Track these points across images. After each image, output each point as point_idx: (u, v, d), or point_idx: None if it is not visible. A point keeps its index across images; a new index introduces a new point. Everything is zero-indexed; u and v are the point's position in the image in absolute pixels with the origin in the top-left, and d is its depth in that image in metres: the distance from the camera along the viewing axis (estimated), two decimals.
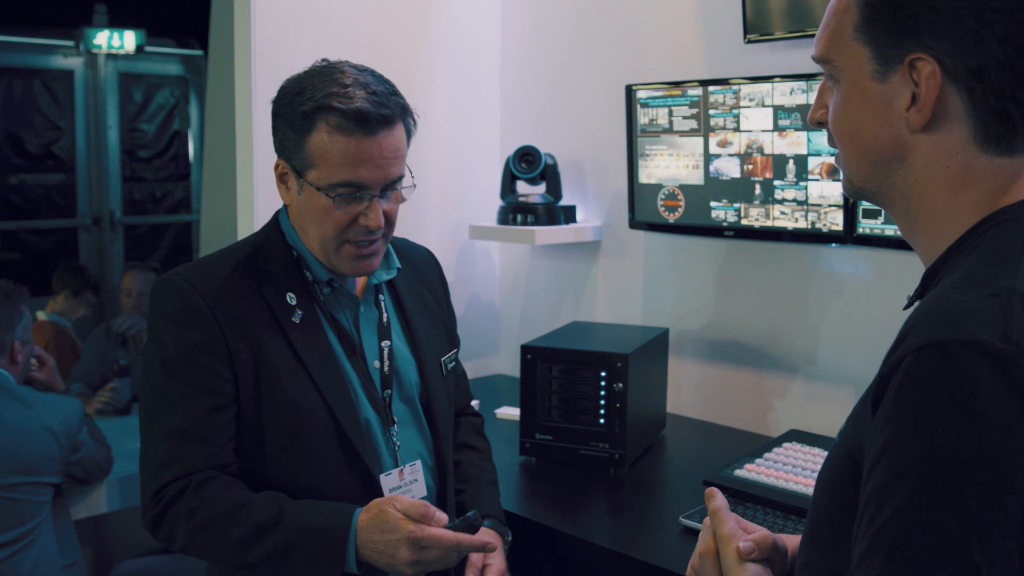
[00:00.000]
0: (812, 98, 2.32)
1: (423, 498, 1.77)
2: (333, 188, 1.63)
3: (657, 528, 2.07)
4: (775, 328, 2.65)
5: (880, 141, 1.05)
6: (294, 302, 1.70)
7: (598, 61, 2.98)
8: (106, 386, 3.76)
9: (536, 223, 2.90)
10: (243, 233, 2.70)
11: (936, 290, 0.97)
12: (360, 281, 1.81)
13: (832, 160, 2.39)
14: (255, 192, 2.65)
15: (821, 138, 2.39)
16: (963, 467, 0.83)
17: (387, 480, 1.73)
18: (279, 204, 1.81)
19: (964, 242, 1.01)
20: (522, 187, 3.02)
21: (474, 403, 2.22)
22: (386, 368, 1.79)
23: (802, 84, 2.42)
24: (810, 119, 1.17)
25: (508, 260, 3.32)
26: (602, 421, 2.38)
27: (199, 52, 7.70)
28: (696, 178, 2.67)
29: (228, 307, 1.66)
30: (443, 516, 1.59)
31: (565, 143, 3.03)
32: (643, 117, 2.75)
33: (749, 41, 2.54)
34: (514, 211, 2.94)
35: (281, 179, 1.71)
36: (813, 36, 2.37)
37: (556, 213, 2.94)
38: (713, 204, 2.65)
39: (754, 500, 2.09)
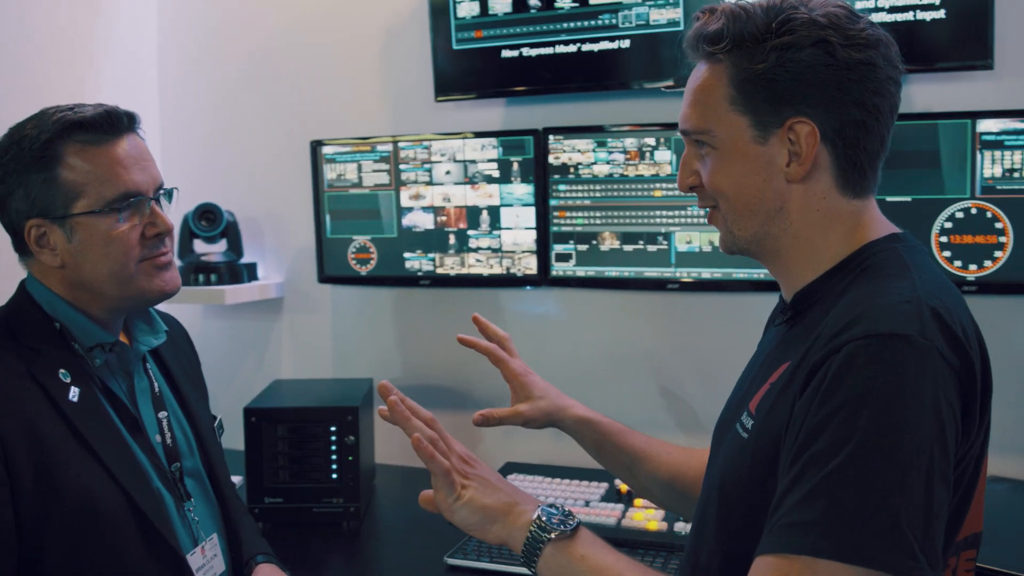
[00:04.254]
0: (503, 153, 2.53)
1: (223, 573, 1.68)
2: (112, 204, 1.51)
3: (423, 570, 2.10)
4: (474, 369, 2.78)
5: (764, 194, 1.23)
6: (68, 379, 1.51)
7: (275, 117, 2.95)
8: None
9: (220, 282, 2.79)
10: None
11: (847, 301, 1.14)
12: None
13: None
14: None
15: (514, 190, 2.59)
16: (893, 433, 1.02)
17: (193, 560, 1.60)
18: None
19: (841, 268, 1.22)
20: (199, 246, 2.89)
21: None
22: (168, 441, 1.66)
23: (492, 141, 2.61)
24: (682, 186, 1.32)
25: None
26: (334, 476, 2.36)
27: None
28: (389, 230, 2.74)
29: None
30: None
31: (238, 200, 2.95)
32: (330, 172, 2.77)
33: (440, 100, 2.67)
34: (196, 271, 2.80)
35: (39, 243, 1.53)
36: (500, 97, 2.62)
37: (239, 271, 2.85)
38: (407, 255, 2.74)
39: None
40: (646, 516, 2.20)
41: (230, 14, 2.99)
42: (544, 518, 1.24)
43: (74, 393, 1.50)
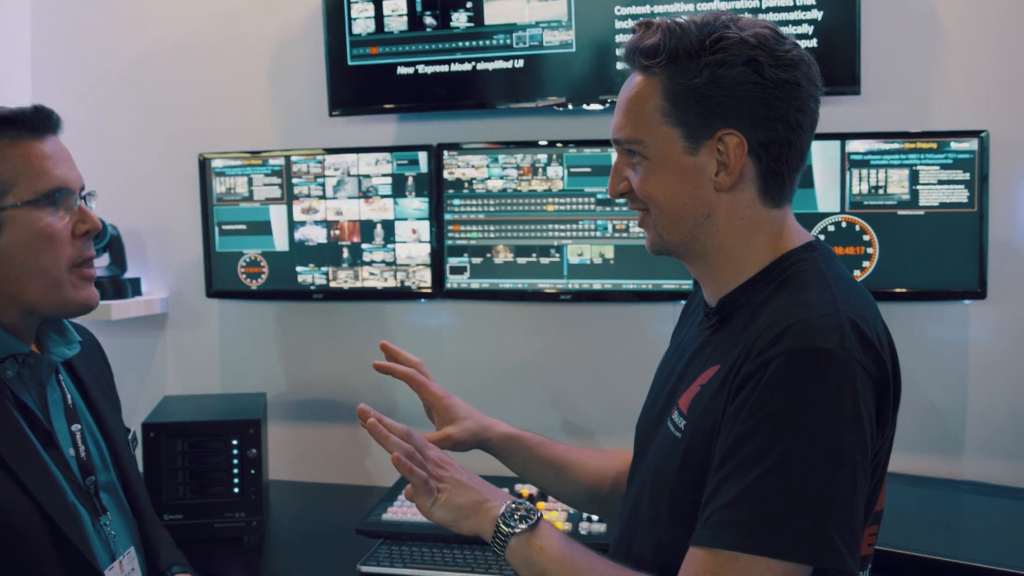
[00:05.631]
0: (397, 168, 2.58)
1: None
2: (45, 197, 1.50)
3: None
4: (365, 382, 2.80)
5: (693, 202, 1.32)
6: None
7: (159, 128, 2.89)
8: None
9: (104, 297, 2.72)
10: None
11: (772, 313, 1.24)
12: None
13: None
14: None
15: (408, 204, 2.64)
16: (817, 440, 1.13)
17: (111, 575, 1.58)
18: None
19: (764, 276, 1.32)
20: None
21: None
22: (82, 454, 1.62)
23: (387, 155, 2.66)
24: (612, 192, 1.40)
25: None
26: (236, 490, 2.35)
27: None
28: (281, 245, 2.74)
29: None
30: None
31: (121, 213, 2.87)
32: (219, 186, 2.75)
33: (334, 115, 2.70)
34: None
35: None
36: (395, 112, 2.67)
37: (123, 286, 2.79)
38: (299, 269, 2.74)
39: (412, 538, 2.23)
40: (550, 518, 2.28)
41: (111, 20, 2.93)
42: (507, 514, 1.33)
43: None
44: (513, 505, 1.34)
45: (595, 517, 2.24)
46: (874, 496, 1.29)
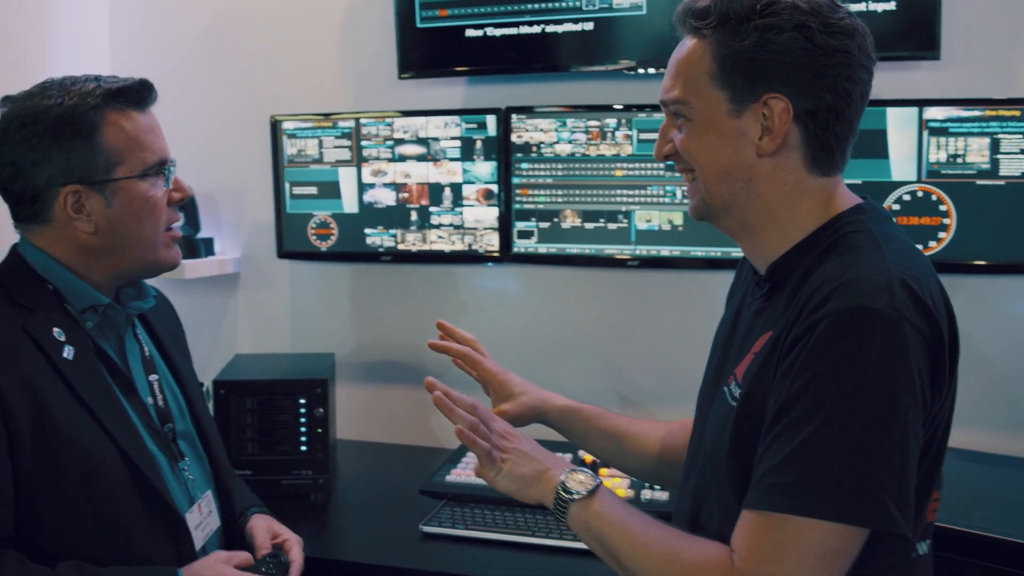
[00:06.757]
0: (465, 131, 2.58)
1: (218, 528, 1.74)
2: (152, 170, 1.59)
3: (398, 538, 2.15)
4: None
5: (734, 165, 1.30)
6: (63, 337, 1.53)
7: (233, 91, 2.93)
8: None
9: None
10: None
11: (821, 275, 1.22)
12: None
13: (483, 188, 2.65)
14: None
15: (476, 168, 2.64)
16: (866, 399, 1.12)
17: (191, 518, 1.64)
18: None
19: (813, 240, 1.30)
20: None
21: None
22: (160, 402, 1.69)
23: (455, 119, 2.66)
24: (657, 154, 1.39)
25: None
26: (304, 448, 2.40)
27: None
28: (350, 207, 2.77)
29: None
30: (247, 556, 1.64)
31: (195, 174, 2.91)
32: (290, 148, 2.78)
33: (403, 77, 2.70)
34: None
35: (75, 209, 1.55)
36: (464, 75, 2.66)
37: (197, 246, 2.84)
38: (368, 231, 2.77)
39: (474, 500, 2.26)
40: (612, 485, 2.28)
41: None
42: (567, 482, 1.35)
43: (69, 351, 1.53)
44: (573, 473, 1.36)
45: (657, 486, 2.24)
46: (938, 463, 1.27)
